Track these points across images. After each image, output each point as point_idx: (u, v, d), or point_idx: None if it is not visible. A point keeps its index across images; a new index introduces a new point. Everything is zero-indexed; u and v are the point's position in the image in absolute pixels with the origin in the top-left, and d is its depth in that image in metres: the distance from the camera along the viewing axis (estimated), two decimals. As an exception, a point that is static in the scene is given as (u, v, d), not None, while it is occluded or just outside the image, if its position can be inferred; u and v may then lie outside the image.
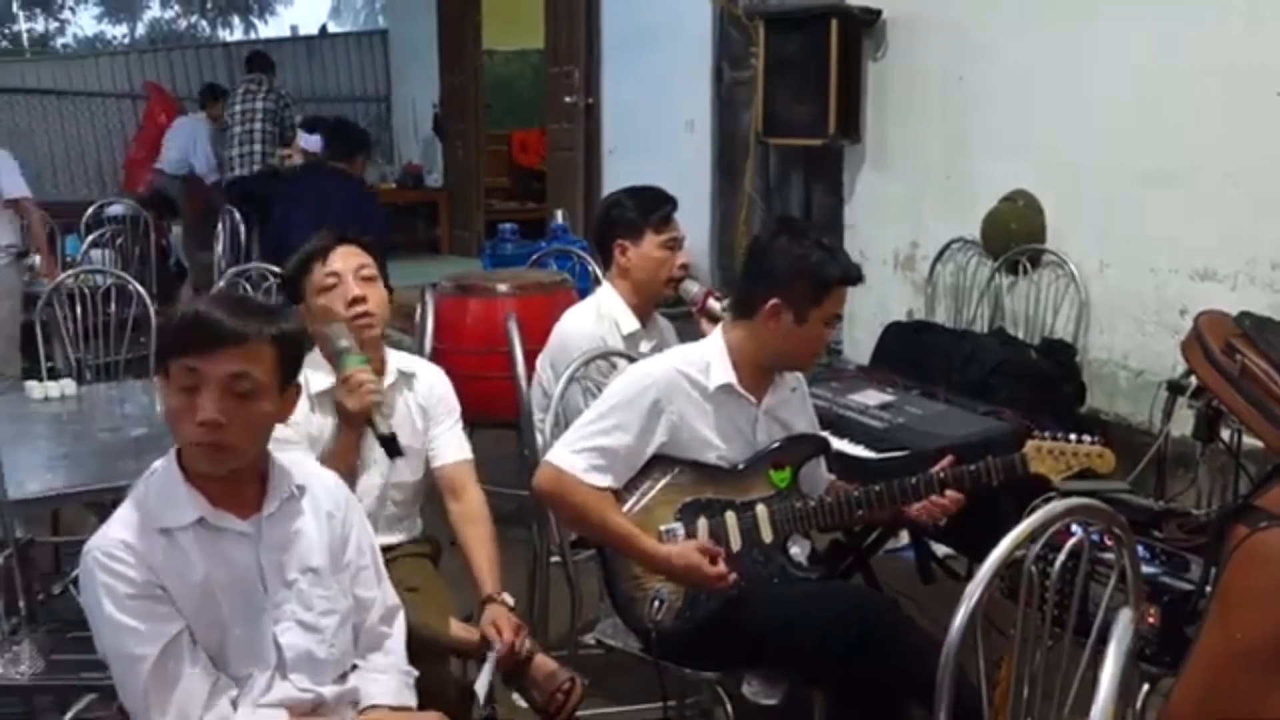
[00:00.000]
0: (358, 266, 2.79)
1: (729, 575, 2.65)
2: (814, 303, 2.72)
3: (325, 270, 2.76)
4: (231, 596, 2.04)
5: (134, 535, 1.99)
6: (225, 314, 1.97)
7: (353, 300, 2.74)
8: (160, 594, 1.97)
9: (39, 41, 28.61)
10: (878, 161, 6.06)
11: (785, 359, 2.83)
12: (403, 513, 2.94)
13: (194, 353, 1.95)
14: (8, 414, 3.68)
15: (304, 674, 2.11)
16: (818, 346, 2.84)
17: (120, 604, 1.95)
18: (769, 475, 2.80)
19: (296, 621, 2.11)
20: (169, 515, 2.02)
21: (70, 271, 5.29)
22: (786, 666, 2.69)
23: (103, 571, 1.96)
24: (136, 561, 1.96)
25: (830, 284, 2.72)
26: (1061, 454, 2.71)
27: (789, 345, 2.77)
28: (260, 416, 2.00)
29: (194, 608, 2.01)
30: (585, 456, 2.71)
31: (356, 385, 2.61)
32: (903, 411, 3.45)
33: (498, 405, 4.02)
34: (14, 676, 2.76)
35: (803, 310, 2.72)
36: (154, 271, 7.27)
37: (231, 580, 2.05)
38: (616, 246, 3.56)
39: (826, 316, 2.76)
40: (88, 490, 3.13)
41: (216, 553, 2.03)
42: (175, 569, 1.99)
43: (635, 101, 8.11)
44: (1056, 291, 5.07)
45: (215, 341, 1.94)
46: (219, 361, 1.94)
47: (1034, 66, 5.11)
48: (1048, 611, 1.98)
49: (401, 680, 2.26)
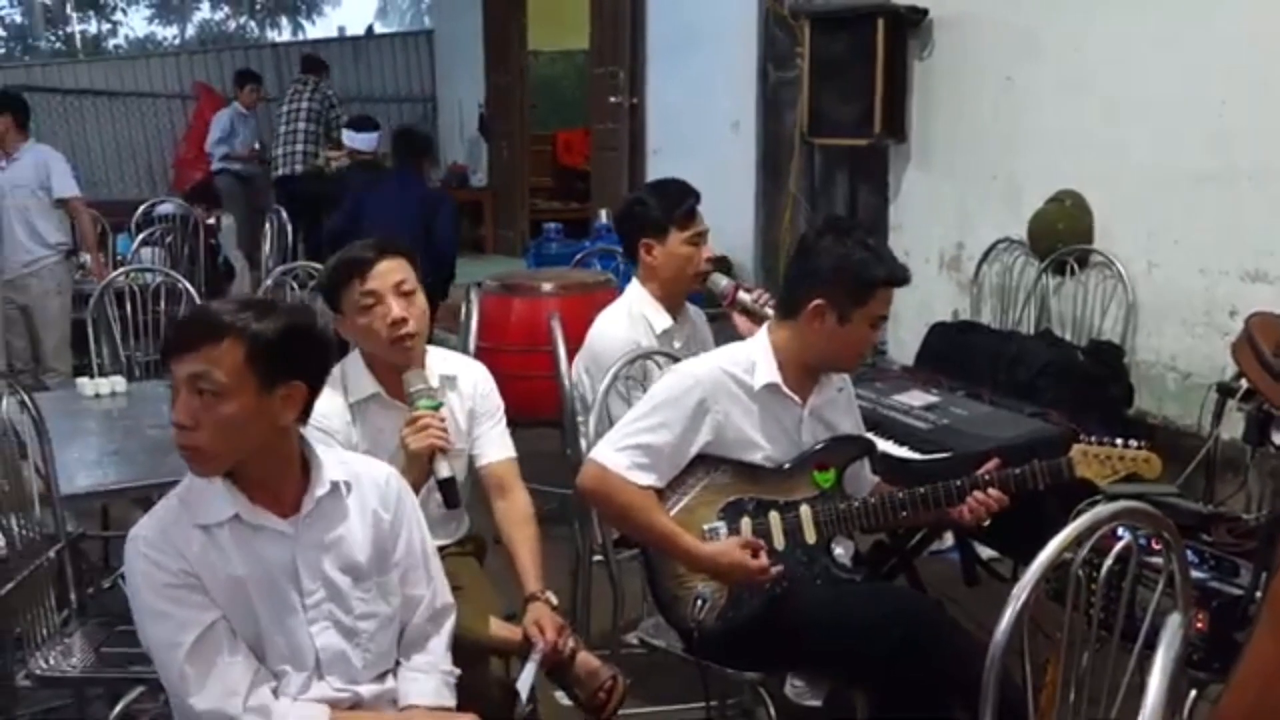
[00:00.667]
0: (397, 283, 2.73)
1: (772, 567, 2.65)
2: (858, 303, 2.70)
3: (363, 289, 2.71)
4: (264, 594, 2.06)
5: (173, 526, 2.03)
6: (193, 317, 2.03)
7: (393, 322, 2.70)
8: (196, 584, 2.00)
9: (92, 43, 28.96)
10: (923, 161, 6.02)
11: (829, 360, 2.81)
12: (446, 514, 2.94)
13: (168, 357, 1.99)
14: (59, 410, 3.73)
15: (339, 675, 2.12)
16: (862, 348, 2.81)
17: (158, 591, 1.98)
18: (813, 476, 2.78)
19: (333, 623, 2.11)
20: (206, 511, 2.04)
21: (120, 270, 5.35)
22: (829, 667, 2.68)
23: (143, 560, 2.00)
24: (174, 552, 2.00)
25: (874, 284, 2.70)
26: (1108, 459, 2.67)
27: (832, 346, 2.75)
28: (226, 418, 1.95)
29: (227, 603, 2.03)
30: (629, 454, 2.71)
31: (422, 427, 2.60)
32: (947, 413, 3.42)
33: (541, 404, 4.03)
34: (65, 669, 2.79)
35: (846, 311, 2.71)
36: (202, 270, 7.34)
37: (265, 578, 2.06)
38: (642, 246, 3.55)
39: (871, 318, 2.73)
40: (136, 486, 3.16)
41: (251, 550, 2.05)
42: (210, 563, 2.02)
43: (680, 102, 8.10)
44: (1104, 292, 5.02)
45: (177, 345, 1.97)
46: (183, 363, 1.96)
47: (1082, 66, 5.06)
48: (1095, 615, 1.96)
49: (441, 680, 2.26)
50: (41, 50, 26.34)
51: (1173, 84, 4.66)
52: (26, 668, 2.74)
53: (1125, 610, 1.95)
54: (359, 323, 2.74)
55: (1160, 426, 4.71)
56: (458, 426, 2.88)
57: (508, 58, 10.59)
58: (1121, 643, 1.95)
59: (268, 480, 2.08)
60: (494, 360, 4.35)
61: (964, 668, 2.38)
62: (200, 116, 11.61)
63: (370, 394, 2.76)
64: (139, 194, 10.83)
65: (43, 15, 27.96)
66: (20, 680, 2.73)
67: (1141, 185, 4.84)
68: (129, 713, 2.81)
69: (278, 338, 1.98)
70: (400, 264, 2.77)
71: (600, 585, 3.32)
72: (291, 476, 2.11)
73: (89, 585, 3.38)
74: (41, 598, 2.85)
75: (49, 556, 2.91)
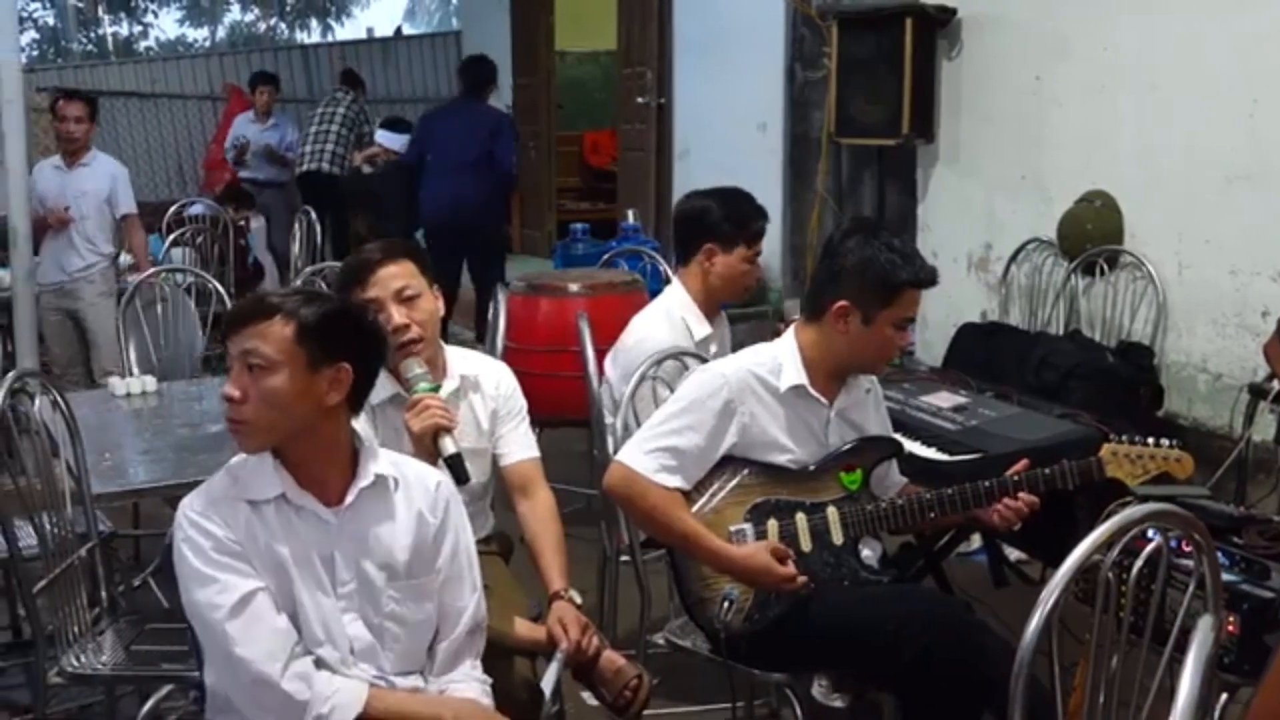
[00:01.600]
0: (398, 290, 2.72)
1: (799, 577, 2.64)
2: (882, 304, 2.69)
3: (363, 297, 2.69)
4: (303, 576, 2.09)
5: (221, 499, 2.09)
6: (248, 299, 2.13)
7: (394, 329, 2.68)
8: (240, 552, 2.05)
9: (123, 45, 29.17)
10: (952, 161, 6.00)
11: (854, 362, 2.80)
12: (472, 511, 2.94)
13: (226, 336, 2.09)
14: (91, 410, 3.76)
15: (369, 665, 2.14)
16: (888, 350, 2.79)
17: (203, 556, 2.04)
18: (840, 477, 2.77)
19: (361, 616, 2.13)
20: (255, 488, 2.09)
21: (151, 270, 5.38)
22: (856, 668, 2.67)
23: (190, 527, 2.05)
24: (221, 521, 2.05)
25: (899, 286, 2.69)
26: (1139, 458, 2.66)
27: (857, 348, 2.74)
28: (271, 391, 2.03)
29: (268, 579, 2.06)
30: (656, 457, 2.71)
31: (423, 408, 2.62)
32: (976, 414, 3.41)
33: (568, 404, 4.03)
34: (96, 666, 2.81)
35: (871, 312, 2.70)
36: (232, 270, 7.38)
37: (304, 560, 2.09)
38: (704, 251, 3.55)
39: (896, 319, 2.72)
40: (166, 485, 3.18)
41: (293, 530, 2.09)
42: (255, 539, 2.07)
43: (707, 102, 8.09)
44: (1134, 293, 4.99)
45: (233, 323, 2.08)
46: (237, 340, 2.06)
47: (1113, 65, 5.03)
48: (1124, 618, 1.95)
49: (480, 690, 2.26)
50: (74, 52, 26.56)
51: (1203, 83, 4.63)
52: (58, 665, 2.76)
53: (1155, 613, 1.94)
54: None
55: (1191, 428, 4.67)
56: (479, 427, 2.88)
57: (535, 59, 10.60)
58: (1152, 646, 1.94)
59: (313, 464, 2.12)
60: (521, 360, 4.38)
61: (993, 669, 2.38)
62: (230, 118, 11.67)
63: (389, 395, 2.77)
64: (169, 195, 10.91)
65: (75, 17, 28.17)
66: (52, 677, 2.75)
67: (1172, 185, 4.81)
68: (159, 710, 2.82)
69: (325, 319, 2.08)
70: (404, 268, 2.75)
71: (627, 585, 3.32)
72: (338, 464, 2.14)
73: (120, 584, 3.40)
74: (73, 596, 2.87)
75: (80, 555, 2.93)
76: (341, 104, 9.37)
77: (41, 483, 2.86)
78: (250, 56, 13.40)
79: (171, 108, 12.42)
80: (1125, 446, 2.67)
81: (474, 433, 2.84)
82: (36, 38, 28.66)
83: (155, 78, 12.72)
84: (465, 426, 2.79)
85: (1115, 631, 1.89)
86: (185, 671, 2.21)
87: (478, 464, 2.83)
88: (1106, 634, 1.87)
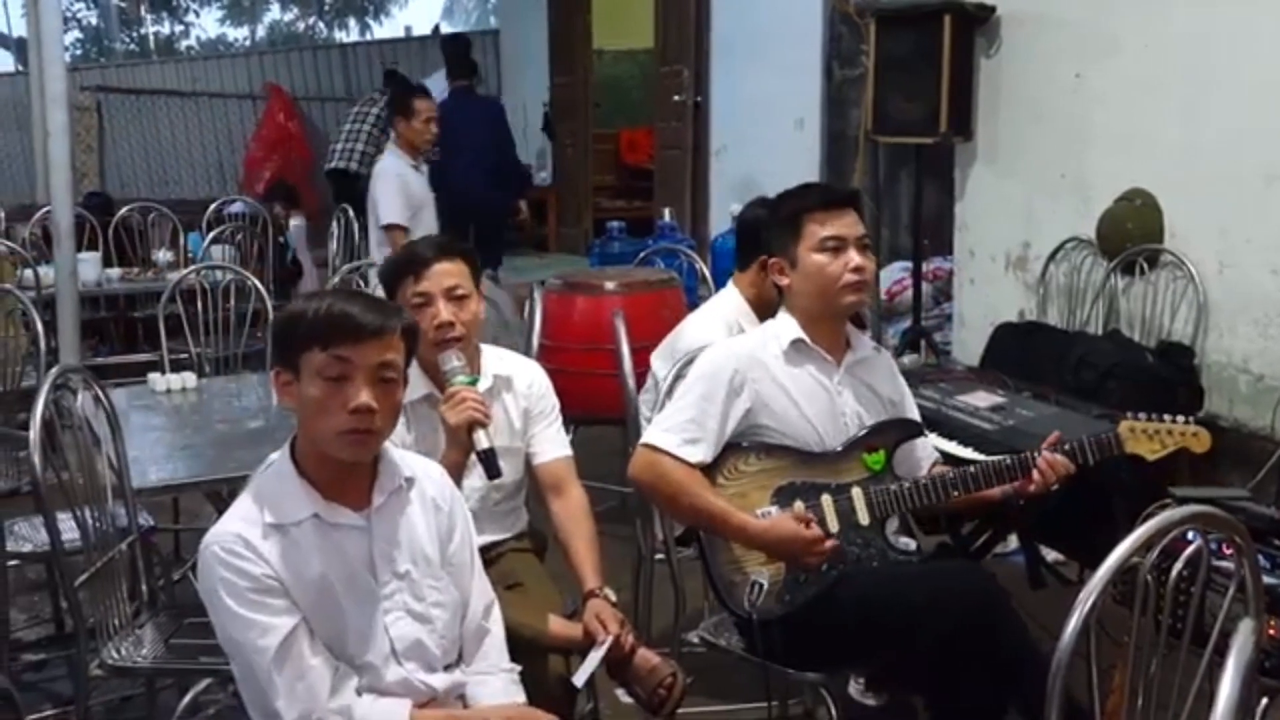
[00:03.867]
0: (449, 288, 2.77)
1: (827, 540, 2.65)
2: (794, 239, 2.81)
3: (415, 289, 2.76)
4: (348, 589, 2.08)
5: (250, 530, 2.04)
6: (363, 307, 2.07)
7: (439, 325, 2.73)
8: (277, 587, 2.02)
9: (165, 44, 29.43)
10: (990, 160, 5.96)
11: (820, 306, 2.83)
12: (505, 509, 2.96)
13: (345, 344, 2.03)
14: (132, 405, 3.80)
15: (416, 663, 2.15)
16: (830, 279, 2.80)
17: (240, 598, 2.00)
18: (863, 459, 2.79)
19: (407, 611, 2.14)
20: (284, 511, 2.07)
21: (191, 268, 5.43)
22: (889, 647, 2.64)
23: (221, 566, 2.01)
24: (254, 556, 2.02)
25: (797, 214, 2.81)
26: (1156, 433, 2.69)
27: (805, 291, 2.82)
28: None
29: (311, 601, 2.05)
30: (676, 432, 2.75)
31: (459, 401, 2.64)
32: (1013, 414, 3.39)
33: (603, 402, 4.04)
34: (136, 659, 2.84)
35: (789, 251, 2.82)
36: (271, 268, 7.43)
37: (347, 573, 2.09)
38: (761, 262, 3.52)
39: (814, 246, 2.80)
40: (205, 480, 3.21)
41: (331, 547, 2.08)
42: (291, 564, 2.04)
43: (744, 100, 8.08)
44: (1174, 293, 4.94)
45: (366, 332, 2.04)
46: (369, 351, 2.04)
47: (1153, 62, 4.98)
48: (1163, 621, 1.93)
49: (507, 679, 2.28)
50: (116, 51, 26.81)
51: (1245, 81, 4.58)
52: (99, 657, 2.79)
53: (1195, 616, 1.92)
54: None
55: (1231, 429, 4.62)
56: (512, 426, 2.90)
57: (573, 57, 10.62)
58: (1191, 649, 1.92)
59: (348, 474, 2.12)
60: (557, 358, 4.39)
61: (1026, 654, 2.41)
62: (270, 117, 11.76)
63: (423, 395, 2.80)
64: (209, 193, 11.01)
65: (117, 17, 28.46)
66: (93, 670, 2.78)
67: (1213, 183, 4.76)
68: (198, 703, 2.85)
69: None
70: (458, 267, 2.80)
71: (661, 584, 3.32)
72: (364, 470, 2.15)
73: (160, 577, 3.43)
74: (114, 589, 2.91)
75: (121, 549, 2.97)
76: (377, 104, 9.41)
77: (84, 477, 2.90)
78: (289, 56, 13.50)
79: (212, 106, 12.52)
80: (1143, 423, 2.70)
81: (507, 432, 2.86)
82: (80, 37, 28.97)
83: (196, 76, 12.83)
84: (498, 426, 2.80)
85: (1154, 634, 1.87)
86: (224, 665, 2.22)
87: (510, 463, 2.84)
88: (1145, 637, 1.85)
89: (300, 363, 2.04)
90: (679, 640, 3.16)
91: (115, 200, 8.94)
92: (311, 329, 2.04)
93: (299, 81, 12.61)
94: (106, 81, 12.46)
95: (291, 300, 2.20)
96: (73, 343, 5.57)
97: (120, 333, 7.53)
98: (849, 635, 2.66)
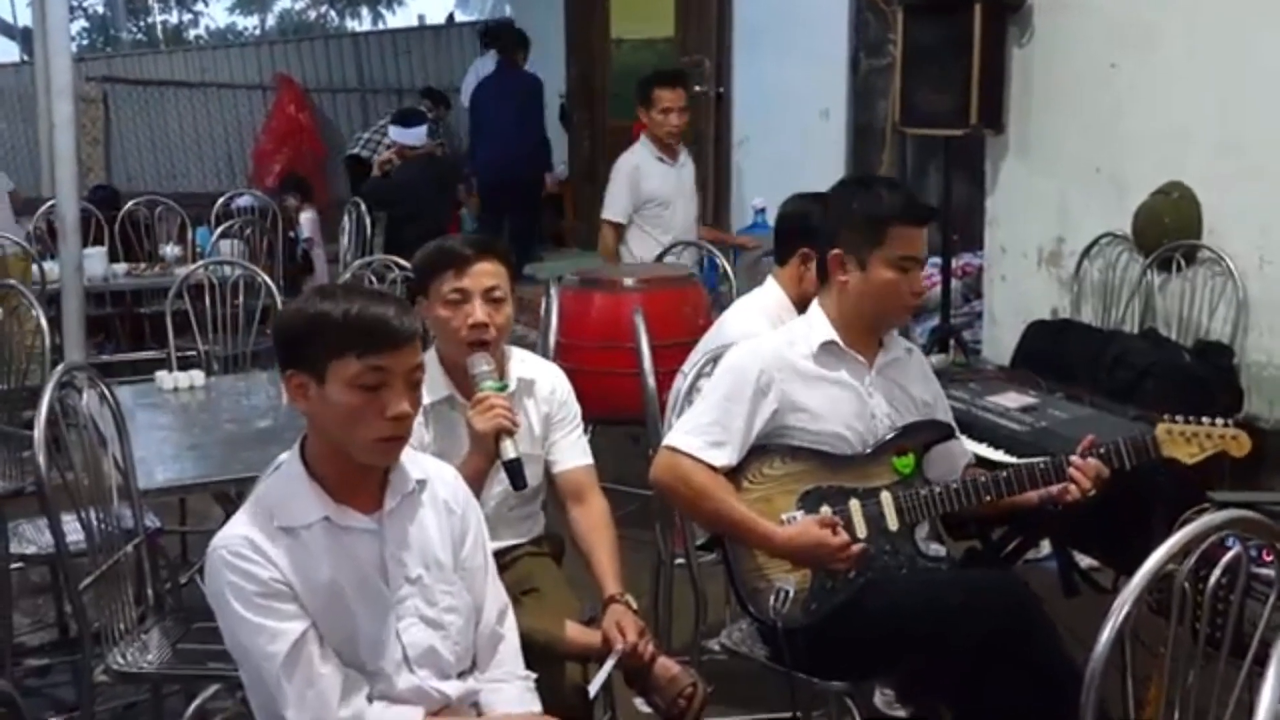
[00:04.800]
0: (489, 288, 2.76)
1: (854, 545, 2.64)
2: (872, 245, 2.73)
3: (455, 285, 2.75)
4: (359, 594, 2.09)
5: (259, 533, 2.04)
6: (395, 311, 2.06)
7: (474, 325, 2.73)
8: (286, 592, 2.02)
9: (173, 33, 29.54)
10: (1022, 152, 5.94)
11: (869, 314, 2.81)
12: (523, 513, 2.96)
13: (384, 352, 2.02)
14: (138, 404, 3.81)
15: (429, 670, 2.15)
16: (894, 296, 2.78)
17: (248, 603, 2.00)
18: (892, 462, 2.78)
19: (420, 617, 2.14)
20: (293, 514, 2.07)
21: (199, 263, 5.45)
22: (918, 653, 2.63)
23: (229, 570, 2.01)
24: (262, 560, 2.02)
25: (884, 221, 2.71)
26: (1194, 436, 2.68)
27: (862, 297, 2.77)
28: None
29: (321, 606, 2.05)
30: (701, 434, 2.75)
31: (489, 407, 2.64)
32: (1045, 415, 3.38)
33: (621, 403, 4.03)
34: (142, 664, 2.85)
35: (863, 255, 2.74)
36: (280, 263, 7.45)
37: (358, 578, 2.09)
38: (800, 254, 3.50)
39: (891, 259, 2.73)
40: (213, 481, 3.23)
41: (342, 550, 2.08)
42: (301, 568, 2.04)
43: (767, 91, 8.06)
44: (1213, 290, 4.91)
45: (402, 338, 2.04)
46: (405, 357, 2.04)
47: (1191, 52, 4.96)
48: (1201, 630, 1.92)
49: (523, 687, 2.28)
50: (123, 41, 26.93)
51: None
52: (104, 663, 2.80)
53: (1234, 625, 1.91)
54: (441, 314, 2.78)
55: (1272, 431, 4.59)
56: (532, 432, 2.90)
57: (590, 46, 10.61)
58: (1229, 659, 1.91)
59: (361, 477, 2.12)
60: (574, 356, 4.39)
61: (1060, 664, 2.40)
62: (280, 108, 11.79)
63: (444, 396, 2.80)
64: (218, 186, 11.05)
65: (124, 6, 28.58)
66: (98, 675, 2.79)
67: (1253, 177, 4.73)
68: (205, 710, 2.86)
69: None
70: (496, 269, 2.80)
71: (682, 590, 3.32)
72: (375, 472, 2.15)
73: (166, 581, 3.45)
74: (119, 593, 2.92)
75: (127, 551, 2.98)
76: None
77: (89, 478, 2.91)
78: (300, 45, 13.53)
79: (221, 97, 12.56)
80: (1180, 425, 2.69)
81: (527, 438, 2.86)
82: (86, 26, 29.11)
83: (205, 67, 12.86)
84: (520, 431, 2.80)
85: (1191, 644, 1.86)
86: (231, 671, 2.22)
87: (530, 470, 2.84)
88: (1182, 647, 1.84)
89: (328, 369, 2.01)
90: (700, 648, 3.16)
91: (122, 194, 8.97)
92: (345, 336, 2.01)
93: (310, 72, 12.63)
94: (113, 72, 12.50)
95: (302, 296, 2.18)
96: (78, 340, 5.59)
97: (126, 330, 7.57)
98: (877, 642, 2.66)
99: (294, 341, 2.07)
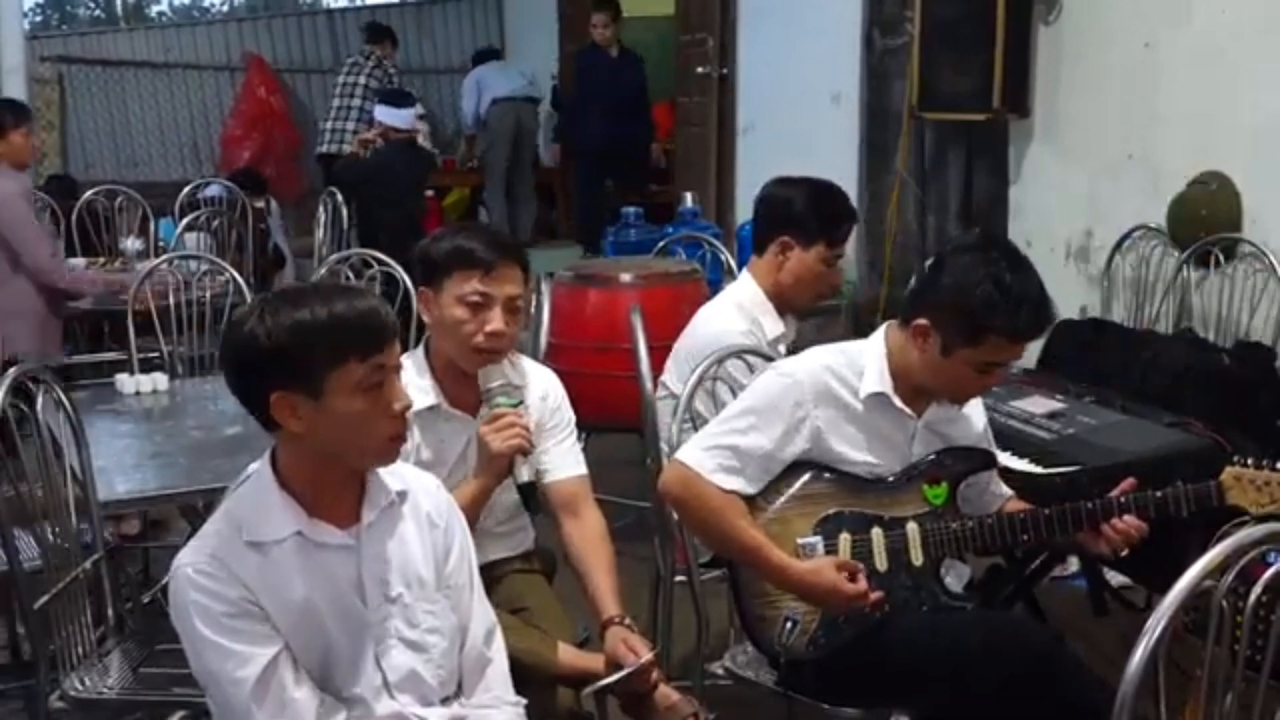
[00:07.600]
0: (511, 296, 2.74)
1: (872, 594, 2.63)
2: (965, 341, 2.62)
3: (478, 288, 2.71)
4: (335, 614, 2.09)
5: (226, 550, 2.03)
6: (376, 301, 2.09)
7: (491, 334, 2.71)
8: (256, 612, 2.02)
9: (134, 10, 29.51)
10: (1049, 139, 5.95)
11: (928, 387, 2.76)
12: (509, 527, 2.96)
13: (384, 347, 2.04)
14: (96, 410, 3.81)
15: (411, 695, 2.15)
16: (963, 390, 2.75)
17: (215, 624, 2.00)
18: (923, 490, 2.75)
19: (401, 639, 2.14)
20: (263, 528, 2.06)
21: (163, 258, 5.44)
22: (932, 700, 2.64)
23: (194, 589, 2.01)
24: (229, 578, 2.01)
25: (985, 329, 2.59)
26: (1265, 485, 2.58)
27: (930, 374, 2.71)
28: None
29: (292, 626, 2.05)
30: (716, 455, 2.71)
31: (507, 425, 2.64)
32: (1074, 422, 3.38)
33: (618, 407, 4.04)
34: (102, 690, 2.85)
35: (952, 342, 2.64)
36: (251, 257, 7.44)
37: (333, 597, 2.09)
38: (780, 242, 3.54)
39: (976, 361, 2.65)
40: (178, 492, 3.23)
41: (316, 568, 2.08)
42: (271, 586, 2.04)
43: (774, 72, 8.07)
44: (1253, 287, 4.92)
45: (393, 329, 2.08)
46: (395, 348, 2.08)
47: (1232, 31, 4.97)
48: (1240, 651, 1.93)
49: (512, 713, 2.28)
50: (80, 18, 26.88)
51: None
52: (60, 688, 2.80)
53: (1275, 646, 1.92)
54: (456, 315, 2.73)
55: (1317, 439, 4.61)
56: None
57: (584, 25, 10.61)
58: (1271, 683, 1.92)
59: (339, 489, 2.12)
60: (567, 358, 4.39)
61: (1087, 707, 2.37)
62: (250, 90, 11.77)
63: (428, 406, 2.78)
64: (183, 174, 11.03)
65: (82, -20, 28.57)
66: (54, 702, 2.79)
67: (1298, 166, 4.75)
68: (170, 738, 2.87)
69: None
70: (518, 274, 2.78)
71: (682, 609, 3.32)
72: (353, 484, 2.14)
73: (128, 600, 3.45)
74: (77, 613, 2.91)
75: (85, 568, 2.97)
76: (363, 71, 9.40)
77: (44, 489, 2.91)
78: (272, 22, 13.48)
79: (186, 79, 12.50)
80: (1251, 471, 2.59)
81: None
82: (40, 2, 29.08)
83: (169, 46, 12.80)
84: None
85: (1230, 666, 1.87)
86: (197, 696, 2.23)
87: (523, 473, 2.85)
88: (1219, 669, 1.85)
89: (326, 381, 1.99)
90: (702, 672, 3.16)
91: (79, 183, 8.97)
92: (342, 341, 1.99)
93: (282, 51, 12.59)
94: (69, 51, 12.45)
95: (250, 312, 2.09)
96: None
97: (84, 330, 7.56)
98: (892, 673, 2.66)
99: (275, 360, 1.98)
